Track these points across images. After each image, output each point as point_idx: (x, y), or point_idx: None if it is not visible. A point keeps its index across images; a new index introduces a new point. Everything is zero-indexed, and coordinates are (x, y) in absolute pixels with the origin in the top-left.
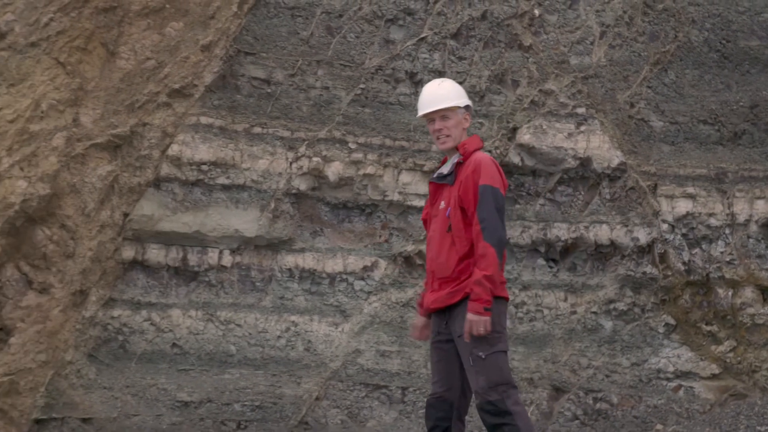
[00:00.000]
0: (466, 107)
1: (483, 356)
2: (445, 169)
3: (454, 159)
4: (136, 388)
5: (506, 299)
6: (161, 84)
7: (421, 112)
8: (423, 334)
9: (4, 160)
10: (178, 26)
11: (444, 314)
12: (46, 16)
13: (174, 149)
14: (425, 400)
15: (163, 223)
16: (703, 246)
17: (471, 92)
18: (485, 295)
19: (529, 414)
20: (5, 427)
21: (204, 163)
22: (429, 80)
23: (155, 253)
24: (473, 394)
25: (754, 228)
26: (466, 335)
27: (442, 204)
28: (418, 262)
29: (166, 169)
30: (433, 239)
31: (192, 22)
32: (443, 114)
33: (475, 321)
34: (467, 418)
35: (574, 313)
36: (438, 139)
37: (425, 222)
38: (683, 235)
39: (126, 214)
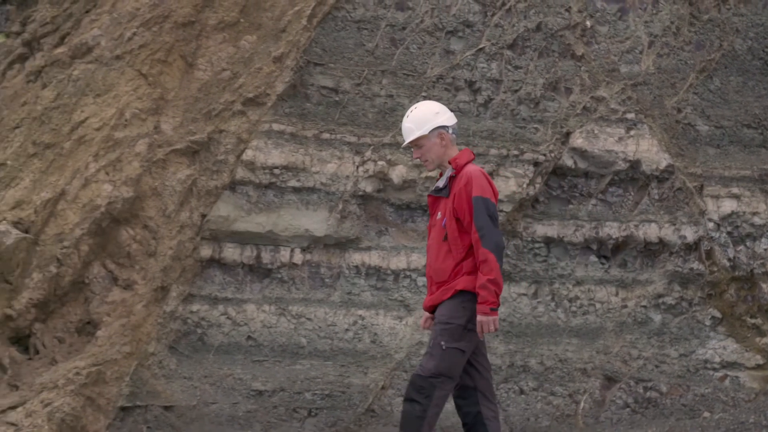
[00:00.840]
0: (436, 129)
1: (444, 347)
2: (441, 183)
3: (448, 173)
4: (213, 377)
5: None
6: (236, 93)
7: (404, 145)
8: (427, 325)
9: (91, 166)
10: (252, 39)
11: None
12: (129, 31)
13: (248, 154)
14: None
15: (239, 223)
16: (747, 243)
17: (527, 99)
18: (491, 297)
19: (581, 403)
20: (93, 414)
21: (276, 167)
22: (487, 88)
23: (231, 252)
24: (417, 369)
25: None
26: (480, 335)
27: (439, 215)
28: None
29: (240, 173)
30: (431, 247)
31: (265, 35)
32: (416, 143)
33: (485, 321)
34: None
35: (625, 307)
36: (424, 165)
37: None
38: (728, 233)
39: (204, 215)
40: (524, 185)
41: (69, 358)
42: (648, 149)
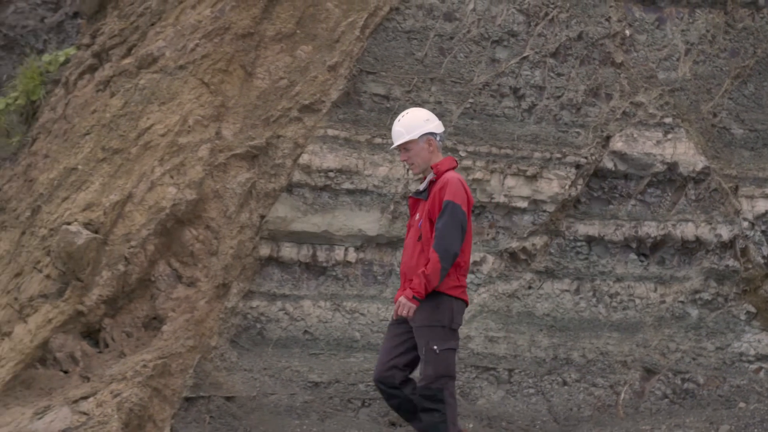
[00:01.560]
0: (425, 135)
1: (437, 350)
2: (422, 186)
3: (429, 177)
4: (272, 370)
5: (465, 302)
6: (293, 101)
7: (392, 148)
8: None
9: (156, 170)
10: (308, 49)
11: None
12: (192, 42)
13: (304, 158)
14: (528, 381)
15: (295, 223)
16: None
17: (569, 105)
18: (419, 288)
19: (621, 394)
20: (159, 404)
21: (331, 171)
22: (530, 95)
23: (288, 251)
24: (420, 380)
25: None
26: (395, 314)
27: (417, 216)
28: (522, 257)
29: (297, 176)
30: (407, 246)
31: (320, 45)
32: (404, 147)
33: (404, 304)
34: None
35: (663, 302)
36: (407, 166)
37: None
38: (762, 231)
39: (262, 216)
40: (566, 187)
41: (136, 351)
42: (685, 152)
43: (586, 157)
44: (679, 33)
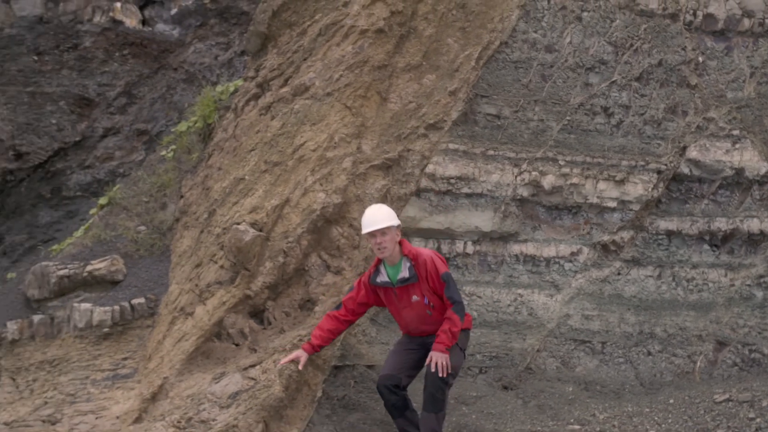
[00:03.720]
0: (397, 226)
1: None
2: (406, 274)
3: (407, 264)
4: None
5: (470, 329)
6: (420, 120)
7: (365, 231)
8: None
9: (309, 179)
10: (432, 78)
11: (421, 338)
12: (337, 73)
13: (430, 168)
14: (618, 352)
15: (423, 222)
16: None
17: (651, 121)
18: (447, 341)
19: (697, 362)
20: (313, 371)
21: (452, 178)
22: (618, 112)
23: (417, 245)
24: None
25: None
26: (433, 366)
27: (415, 297)
28: (612, 248)
29: (424, 183)
30: (413, 319)
31: (442, 74)
32: (383, 231)
33: (441, 363)
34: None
35: (733, 285)
36: (378, 250)
37: (359, 305)
38: None
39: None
40: (649, 189)
41: (293, 328)
42: (750, 159)
43: (665, 164)
44: (744, 59)
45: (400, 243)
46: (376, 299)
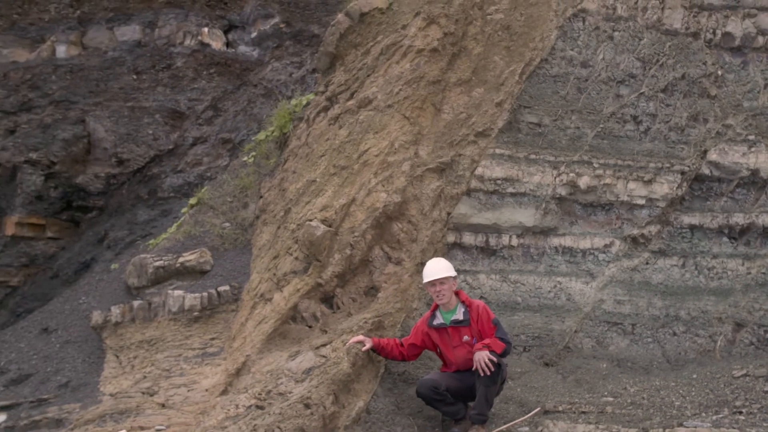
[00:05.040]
0: (454, 277)
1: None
2: (460, 316)
3: (462, 309)
4: None
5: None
6: (470, 129)
7: (426, 280)
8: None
9: (372, 180)
10: (480, 91)
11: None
12: (396, 88)
13: (479, 170)
14: (647, 332)
15: (473, 218)
16: None
17: (675, 127)
18: (496, 349)
19: (718, 342)
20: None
21: (498, 179)
22: (646, 120)
23: (468, 238)
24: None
25: None
26: (475, 365)
27: (466, 338)
28: (641, 241)
29: (474, 184)
30: (461, 356)
31: (489, 87)
32: (441, 281)
33: (486, 360)
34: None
35: (749, 273)
36: (437, 296)
37: (410, 346)
38: None
39: (449, 213)
40: (674, 188)
41: (359, 312)
42: (765, 161)
43: (688, 166)
44: (759, 72)
45: (457, 293)
46: (428, 343)
